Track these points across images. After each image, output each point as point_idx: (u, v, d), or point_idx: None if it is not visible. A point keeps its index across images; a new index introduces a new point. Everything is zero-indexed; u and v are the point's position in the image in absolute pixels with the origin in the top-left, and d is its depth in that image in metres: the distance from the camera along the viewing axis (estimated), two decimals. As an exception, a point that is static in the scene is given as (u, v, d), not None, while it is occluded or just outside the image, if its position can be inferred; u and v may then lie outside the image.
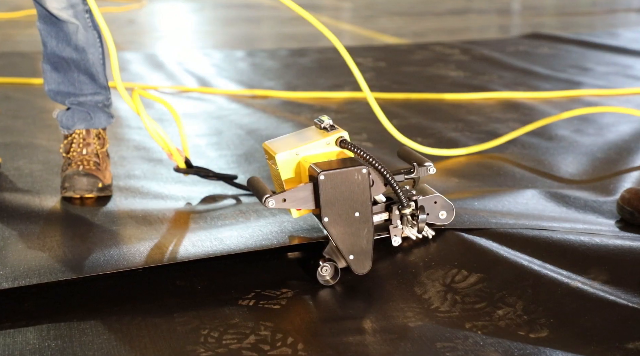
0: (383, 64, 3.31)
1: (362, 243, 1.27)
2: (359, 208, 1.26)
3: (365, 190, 1.26)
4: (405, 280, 1.29)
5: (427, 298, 1.24)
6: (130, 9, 5.18)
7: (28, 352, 1.09)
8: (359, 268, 1.28)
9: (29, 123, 2.31)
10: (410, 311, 1.20)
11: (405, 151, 1.44)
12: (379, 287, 1.28)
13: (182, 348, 1.10)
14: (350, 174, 1.25)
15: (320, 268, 1.27)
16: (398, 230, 1.34)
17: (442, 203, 1.38)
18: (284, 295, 1.26)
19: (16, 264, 1.30)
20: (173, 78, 3.00)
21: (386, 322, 1.17)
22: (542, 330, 1.14)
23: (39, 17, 1.71)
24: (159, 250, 1.37)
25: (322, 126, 1.34)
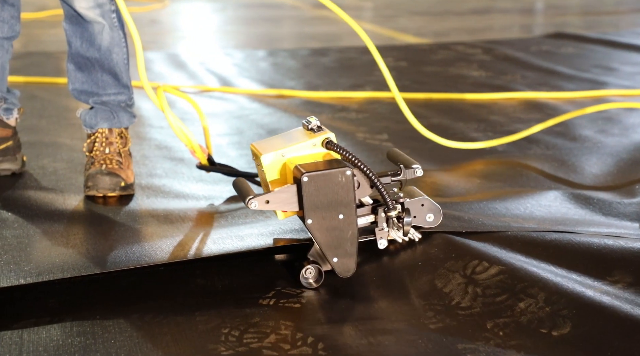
0: (404, 64, 3.30)
1: (347, 245, 1.26)
2: (343, 211, 1.25)
3: (349, 192, 1.25)
4: (424, 275, 1.28)
5: (447, 292, 1.22)
6: (153, 9, 5.22)
7: (52, 349, 1.10)
8: (343, 271, 1.27)
9: (53, 122, 2.34)
10: (431, 310, 1.20)
11: (394, 153, 1.43)
12: (399, 285, 1.27)
13: (203, 347, 1.11)
14: (334, 176, 1.24)
15: (304, 271, 1.26)
16: (384, 233, 1.32)
17: (430, 206, 1.36)
18: (304, 294, 1.26)
19: (40, 260, 1.32)
20: (195, 77, 3.02)
21: (406, 323, 1.17)
22: (564, 324, 1.12)
23: (65, 17, 1.73)
24: (180, 247, 1.38)
25: (309, 127, 1.33)
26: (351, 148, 2.08)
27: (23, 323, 1.17)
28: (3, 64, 1.80)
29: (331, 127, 2.30)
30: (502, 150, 2.05)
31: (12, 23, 1.79)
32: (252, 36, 4.37)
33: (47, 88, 2.81)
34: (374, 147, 2.10)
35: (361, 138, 2.18)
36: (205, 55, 3.52)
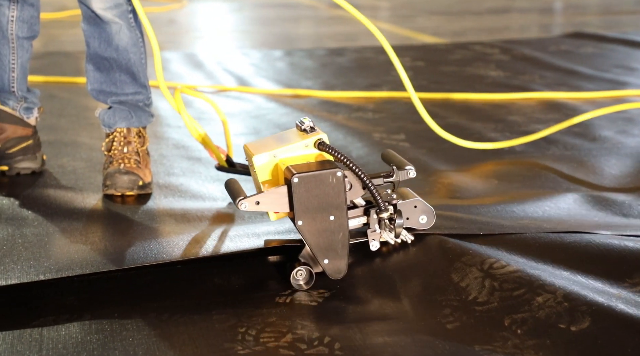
0: (421, 64, 3.29)
1: (337, 247, 1.25)
2: (334, 212, 1.24)
3: (340, 194, 1.24)
4: (440, 273, 1.28)
5: (464, 287, 1.22)
6: (171, 9, 5.25)
7: (71, 346, 1.11)
8: (334, 272, 1.26)
9: (73, 122, 2.36)
10: (448, 307, 1.19)
11: (388, 154, 1.42)
12: (416, 283, 1.27)
13: (220, 346, 1.11)
14: (324, 177, 1.23)
15: (295, 272, 1.25)
16: (376, 235, 1.31)
17: (423, 208, 1.35)
18: (322, 292, 1.26)
19: (59, 257, 1.34)
20: (212, 77, 3.04)
21: (424, 323, 1.16)
22: (583, 320, 1.11)
23: (83, 18, 1.74)
24: (197, 244, 1.38)
25: (302, 128, 1.32)
26: (368, 149, 2.08)
27: (42, 320, 1.18)
28: (23, 63, 1.82)
29: (347, 127, 2.30)
30: (520, 151, 2.04)
31: (31, 23, 1.81)
32: (269, 36, 4.38)
33: (67, 87, 2.83)
34: (391, 147, 2.10)
35: (378, 138, 2.18)
36: (223, 55, 3.53)
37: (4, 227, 1.49)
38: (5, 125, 1.82)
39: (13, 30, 1.78)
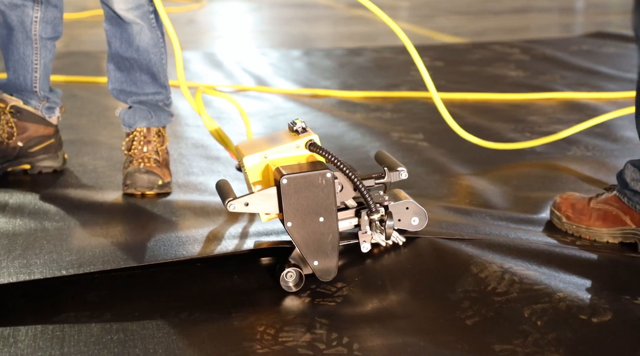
0: (440, 64, 3.27)
1: (327, 249, 1.24)
2: (323, 213, 1.23)
3: (329, 195, 1.23)
4: (456, 270, 1.27)
5: (483, 277, 1.20)
6: (190, 9, 5.28)
7: (92, 343, 1.12)
8: (324, 274, 1.26)
9: (93, 121, 2.38)
10: (467, 299, 1.18)
11: (381, 155, 1.41)
12: (434, 281, 1.26)
13: (239, 344, 1.11)
14: (313, 178, 1.22)
15: (284, 274, 1.25)
16: (367, 236, 1.31)
17: (415, 210, 1.34)
18: (340, 291, 1.26)
19: (81, 252, 1.35)
20: (231, 77, 3.05)
21: (443, 320, 1.15)
22: (605, 312, 1.10)
23: (105, 18, 1.76)
24: (216, 242, 1.39)
25: (294, 129, 1.31)
26: (387, 149, 2.07)
27: (64, 316, 1.19)
28: (46, 63, 1.84)
29: (366, 126, 2.30)
30: (541, 152, 2.02)
31: (54, 24, 1.83)
32: (287, 36, 4.38)
33: (88, 87, 2.86)
34: (410, 147, 2.09)
35: (396, 138, 2.17)
36: (241, 54, 3.54)
37: (26, 223, 1.51)
38: (27, 124, 1.84)
39: (37, 31, 1.80)
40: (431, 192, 1.73)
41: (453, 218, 1.50)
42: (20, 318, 1.19)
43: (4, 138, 1.82)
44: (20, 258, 1.32)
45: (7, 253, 1.35)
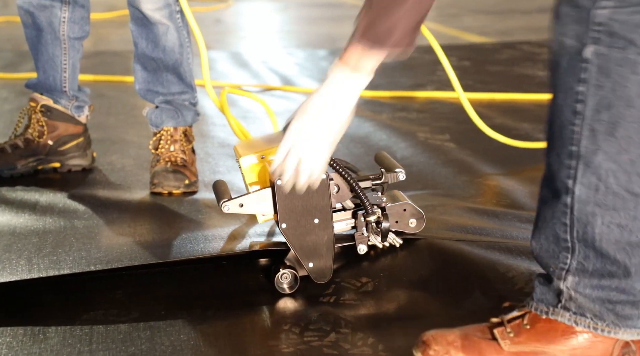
0: (467, 63, 3.24)
1: (322, 250, 1.23)
2: (318, 215, 1.22)
3: (325, 196, 1.22)
4: (485, 270, 1.26)
5: (510, 277, 1.19)
6: (217, 9, 5.31)
7: (120, 341, 1.13)
8: (319, 276, 1.25)
9: (121, 120, 2.41)
10: (494, 298, 1.17)
11: (381, 156, 1.40)
12: (461, 281, 1.25)
13: (264, 343, 1.12)
14: None
15: (279, 275, 1.24)
16: (364, 238, 1.29)
17: (412, 211, 1.33)
18: (364, 287, 1.25)
19: (109, 249, 1.37)
20: (257, 76, 3.06)
21: (470, 320, 1.14)
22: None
23: (132, 18, 1.77)
24: (242, 239, 1.40)
25: None
26: (412, 149, 2.06)
27: (92, 314, 1.21)
28: (74, 63, 1.87)
29: (391, 127, 2.29)
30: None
31: (82, 24, 1.85)
32: (313, 35, 4.39)
33: (115, 86, 2.89)
34: (436, 147, 2.08)
35: (422, 138, 2.16)
36: (268, 54, 3.55)
37: (56, 220, 1.53)
38: (57, 123, 1.87)
39: (65, 31, 1.82)
40: (458, 193, 1.71)
41: (479, 222, 1.48)
42: (50, 316, 1.21)
43: (35, 137, 1.85)
44: (51, 255, 1.34)
45: (38, 250, 1.37)
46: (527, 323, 1.00)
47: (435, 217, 1.48)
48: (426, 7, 1.04)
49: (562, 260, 0.97)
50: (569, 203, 0.95)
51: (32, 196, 1.69)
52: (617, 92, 0.91)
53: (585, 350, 0.97)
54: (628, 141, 0.92)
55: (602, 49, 0.91)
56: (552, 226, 0.97)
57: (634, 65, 0.91)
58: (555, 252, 0.98)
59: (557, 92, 0.96)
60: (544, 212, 0.99)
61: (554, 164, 0.97)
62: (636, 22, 0.90)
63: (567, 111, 0.94)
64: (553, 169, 0.97)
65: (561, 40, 0.95)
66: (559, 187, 0.96)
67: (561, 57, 0.95)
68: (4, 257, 1.34)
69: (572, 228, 0.96)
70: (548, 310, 0.99)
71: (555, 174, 0.97)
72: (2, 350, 1.11)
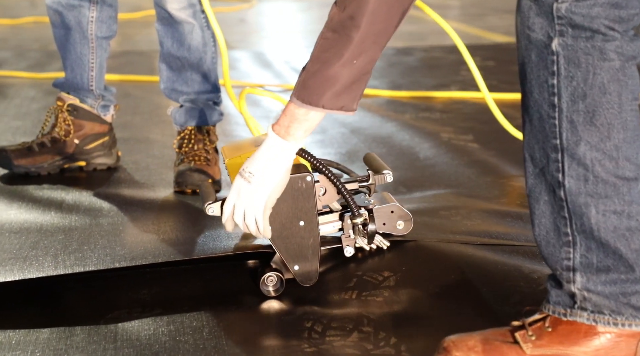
0: (491, 63, 3.22)
1: (308, 253, 1.22)
2: (304, 217, 1.21)
3: (310, 198, 1.20)
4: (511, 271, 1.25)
5: (536, 278, 1.18)
6: (241, 9, 5.33)
7: (144, 338, 1.14)
8: (305, 279, 1.24)
9: (146, 119, 2.43)
10: (519, 301, 1.16)
11: (369, 158, 1.38)
12: (486, 281, 1.24)
13: (287, 343, 1.12)
14: (293, 181, 1.19)
15: (265, 278, 1.23)
16: (350, 240, 1.28)
17: (400, 213, 1.31)
18: (386, 281, 1.24)
19: (134, 246, 1.39)
20: (280, 76, 3.07)
21: (494, 322, 1.13)
22: None
23: (157, 18, 1.79)
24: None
25: None
26: (435, 150, 2.05)
27: (117, 312, 1.22)
28: (101, 62, 1.89)
29: (415, 127, 2.28)
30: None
31: (109, 23, 1.87)
32: (336, 35, 4.38)
33: (140, 86, 2.92)
34: (459, 148, 2.06)
35: (446, 139, 2.15)
36: (291, 54, 3.56)
37: (82, 218, 1.55)
38: (83, 122, 1.89)
39: (93, 31, 1.85)
40: (482, 194, 1.70)
41: (503, 226, 1.46)
42: (76, 314, 1.22)
43: (62, 136, 1.88)
44: (76, 252, 1.36)
45: (64, 247, 1.39)
46: (549, 325, 0.99)
47: (459, 221, 1.47)
48: (363, 67, 1.02)
49: (565, 256, 0.97)
50: (564, 197, 0.95)
51: (58, 194, 1.71)
52: (589, 81, 0.91)
53: (609, 351, 0.96)
54: (609, 128, 0.92)
55: (568, 41, 0.91)
56: (553, 220, 0.97)
57: (601, 52, 0.91)
58: (557, 246, 0.97)
59: (531, 86, 0.95)
60: (539, 207, 0.97)
61: (541, 158, 0.96)
62: (595, 13, 0.90)
63: (545, 105, 0.94)
64: (541, 163, 0.96)
65: (528, 34, 0.94)
66: (551, 181, 0.96)
67: (530, 52, 0.94)
68: (31, 254, 1.36)
69: (571, 220, 0.95)
70: (566, 312, 0.99)
71: (545, 168, 0.96)
72: (28, 346, 1.13)
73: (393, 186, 1.76)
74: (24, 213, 1.58)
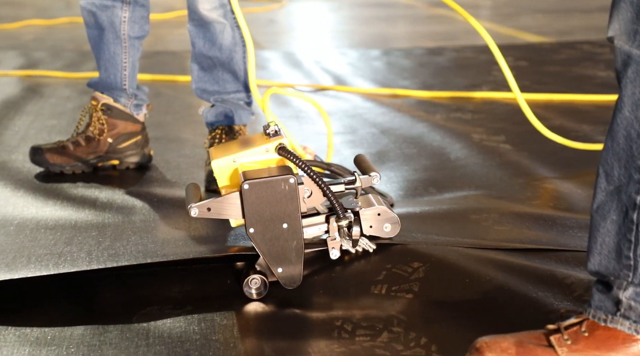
0: (524, 64, 3.18)
1: (291, 256, 1.21)
2: (287, 220, 1.20)
3: (293, 201, 1.19)
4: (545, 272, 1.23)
5: (569, 284, 1.17)
6: (271, 9, 5.35)
7: (175, 336, 1.16)
8: (288, 282, 1.23)
9: (178, 119, 2.46)
10: (553, 303, 1.14)
11: (358, 159, 1.37)
12: (519, 283, 1.23)
13: (317, 342, 1.12)
14: (276, 184, 1.19)
15: (248, 280, 1.22)
16: (336, 243, 1.26)
17: (386, 216, 1.29)
18: (416, 273, 1.23)
19: (165, 242, 1.40)
20: (310, 76, 3.07)
21: (526, 325, 1.11)
22: None
23: (190, 19, 1.81)
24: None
25: (267, 132, 1.28)
26: (466, 150, 2.03)
27: (149, 309, 1.23)
28: (134, 62, 1.91)
29: (446, 127, 2.26)
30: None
31: (142, 23, 1.89)
32: (366, 35, 4.37)
33: (172, 86, 2.95)
34: (491, 149, 2.04)
35: (477, 140, 2.13)
36: (320, 54, 3.56)
37: (115, 215, 1.57)
38: (117, 121, 1.92)
39: (125, 31, 1.87)
40: (514, 195, 1.68)
41: (535, 232, 1.44)
42: (110, 311, 1.24)
43: (95, 135, 1.90)
44: (109, 248, 1.38)
45: (97, 243, 1.41)
46: (585, 330, 0.97)
47: (489, 227, 1.45)
48: None
49: (624, 277, 0.95)
50: (635, 220, 0.92)
51: (92, 192, 1.74)
52: None
53: None
54: None
55: None
56: (618, 242, 0.94)
57: None
58: (617, 269, 0.95)
59: (622, 103, 0.92)
60: (605, 226, 0.95)
61: (620, 177, 0.93)
62: None
63: (637, 124, 0.90)
64: (619, 182, 0.93)
65: (628, 50, 0.91)
66: (627, 202, 0.93)
67: (627, 67, 0.91)
68: (65, 249, 1.39)
69: (636, 245, 0.93)
70: (607, 318, 0.97)
71: (622, 188, 0.93)
72: (63, 342, 1.15)
73: (423, 187, 1.75)
74: (59, 211, 1.61)
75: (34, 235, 1.46)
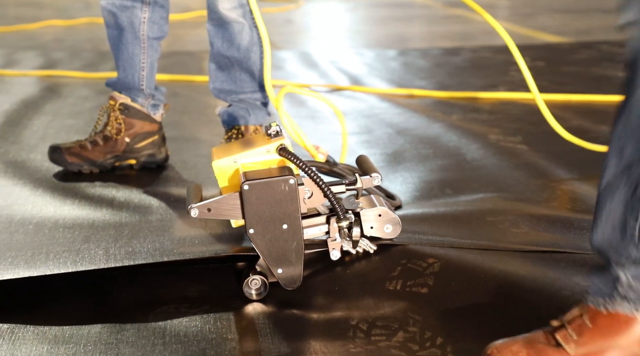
0: (541, 64, 3.16)
1: (291, 257, 1.21)
2: (287, 220, 1.20)
3: (293, 201, 1.19)
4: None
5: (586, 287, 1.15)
6: (288, 9, 5.36)
7: (192, 334, 1.16)
8: (288, 282, 1.23)
9: (194, 119, 2.47)
10: (572, 303, 1.13)
11: (360, 160, 1.36)
12: (537, 285, 1.22)
13: (332, 343, 1.12)
14: (276, 184, 1.19)
15: (248, 281, 1.22)
16: (336, 244, 1.26)
17: (387, 217, 1.29)
18: (431, 268, 1.22)
19: (181, 241, 1.41)
20: (326, 76, 3.07)
21: (541, 325, 1.11)
22: None
23: (209, 18, 1.82)
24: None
25: (268, 132, 1.28)
26: (483, 151, 2.02)
27: (165, 307, 1.24)
28: (152, 62, 1.93)
29: (462, 128, 2.25)
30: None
31: (161, 24, 1.91)
32: (382, 35, 4.37)
33: (189, 86, 2.97)
34: (508, 150, 2.03)
35: (494, 140, 2.12)
36: (337, 54, 3.56)
37: (132, 214, 1.59)
38: (134, 120, 1.93)
39: (144, 31, 1.88)
40: (531, 197, 1.67)
41: (552, 234, 1.43)
42: (126, 310, 1.25)
43: (113, 134, 1.92)
44: (126, 246, 1.39)
45: (114, 241, 1.42)
46: (588, 321, 0.97)
47: (506, 229, 1.44)
48: None
49: (626, 255, 0.94)
50: None
51: (109, 191, 1.76)
52: None
53: None
54: None
55: None
56: (624, 220, 0.94)
57: None
58: (620, 245, 0.94)
59: (638, 83, 0.91)
60: (612, 202, 0.94)
61: (632, 155, 0.92)
62: None
63: None
64: (631, 160, 0.93)
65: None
66: (636, 179, 0.92)
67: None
68: (83, 247, 1.40)
69: None
70: (606, 302, 0.96)
71: (634, 166, 0.92)
72: (81, 340, 1.16)
73: (439, 188, 1.74)
74: (77, 209, 1.63)
75: (52, 234, 1.48)
